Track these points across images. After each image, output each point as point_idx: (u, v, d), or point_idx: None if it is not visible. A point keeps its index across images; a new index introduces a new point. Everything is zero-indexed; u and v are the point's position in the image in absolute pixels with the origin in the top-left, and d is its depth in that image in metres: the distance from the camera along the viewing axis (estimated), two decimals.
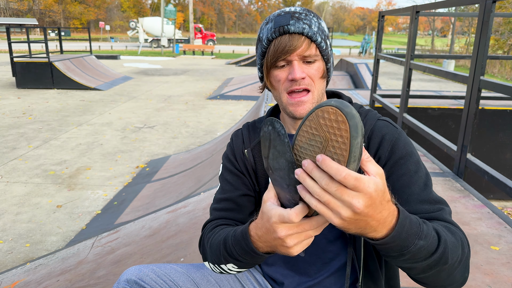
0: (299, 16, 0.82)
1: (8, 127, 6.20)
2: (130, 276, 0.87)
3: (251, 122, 1.01)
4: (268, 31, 0.84)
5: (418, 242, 0.64)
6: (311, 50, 0.82)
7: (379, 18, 4.56)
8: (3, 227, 3.16)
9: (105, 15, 72.60)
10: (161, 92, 10.01)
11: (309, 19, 0.83)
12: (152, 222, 2.55)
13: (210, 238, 0.87)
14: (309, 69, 0.84)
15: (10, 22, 37.02)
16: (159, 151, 5.18)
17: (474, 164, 2.47)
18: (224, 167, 0.98)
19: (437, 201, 0.81)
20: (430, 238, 0.66)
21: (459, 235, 0.74)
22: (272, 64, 0.84)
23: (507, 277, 1.51)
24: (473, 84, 2.48)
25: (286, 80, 0.84)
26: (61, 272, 2.12)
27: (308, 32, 0.81)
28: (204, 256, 0.89)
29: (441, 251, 0.67)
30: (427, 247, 0.65)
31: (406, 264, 0.68)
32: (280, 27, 0.81)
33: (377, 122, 0.88)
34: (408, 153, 0.84)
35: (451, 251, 0.69)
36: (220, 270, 0.85)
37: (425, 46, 31.78)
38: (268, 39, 0.83)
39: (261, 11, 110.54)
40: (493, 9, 2.31)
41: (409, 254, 0.64)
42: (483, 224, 1.93)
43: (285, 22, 0.81)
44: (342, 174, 0.54)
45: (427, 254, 0.66)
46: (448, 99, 5.00)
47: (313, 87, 0.85)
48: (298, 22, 0.81)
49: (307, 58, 0.83)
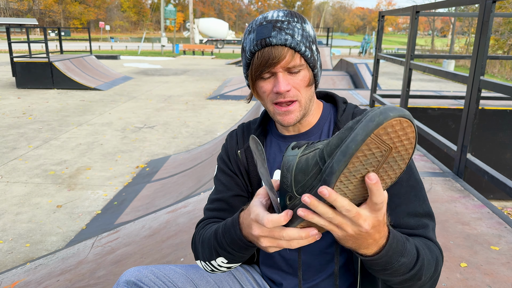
0: (281, 26, 0.79)
1: (8, 127, 6.20)
2: (129, 277, 0.87)
3: (246, 123, 1.01)
4: (250, 42, 0.81)
5: (400, 259, 0.67)
6: (295, 61, 0.81)
7: (379, 18, 4.56)
8: (3, 227, 3.16)
9: (105, 15, 72.59)
10: (161, 92, 10.01)
11: (291, 27, 0.80)
12: (152, 222, 2.56)
13: (202, 234, 0.88)
14: (294, 80, 0.82)
15: (10, 22, 37.03)
16: (159, 151, 5.18)
17: (474, 164, 2.47)
18: (218, 168, 0.99)
19: (424, 215, 0.82)
20: (411, 256, 0.69)
21: (436, 254, 0.78)
22: (256, 76, 0.83)
23: (507, 277, 1.51)
24: (473, 84, 2.48)
25: (271, 92, 0.83)
26: (61, 272, 2.12)
27: (291, 43, 0.79)
28: (196, 254, 0.89)
29: (418, 268, 0.71)
30: (407, 264, 0.69)
31: (385, 277, 0.71)
32: (262, 39, 0.79)
33: None
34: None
35: (426, 269, 0.73)
36: (211, 268, 0.85)
37: (425, 46, 31.77)
38: (251, 52, 0.81)
39: (261, 11, 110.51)
40: (493, 9, 2.31)
41: (391, 269, 0.68)
42: (483, 224, 1.93)
43: (266, 34, 0.79)
44: (378, 206, 0.57)
45: (406, 270, 0.69)
46: (448, 99, 5.00)
47: (299, 97, 0.84)
48: (280, 33, 0.79)
49: (292, 69, 0.81)
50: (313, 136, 0.92)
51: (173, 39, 27.83)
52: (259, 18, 0.83)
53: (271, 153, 0.95)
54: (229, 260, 0.80)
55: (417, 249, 0.72)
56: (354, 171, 0.54)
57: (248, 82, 0.87)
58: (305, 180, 0.61)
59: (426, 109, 4.45)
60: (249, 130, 0.98)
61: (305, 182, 0.61)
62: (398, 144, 0.52)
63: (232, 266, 0.84)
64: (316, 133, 0.92)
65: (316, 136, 0.92)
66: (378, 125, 0.50)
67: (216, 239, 0.80)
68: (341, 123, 0.88)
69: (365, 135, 0.51)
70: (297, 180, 0.62)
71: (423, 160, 2.94)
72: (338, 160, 0.54)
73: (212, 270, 0.86)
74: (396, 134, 0.51)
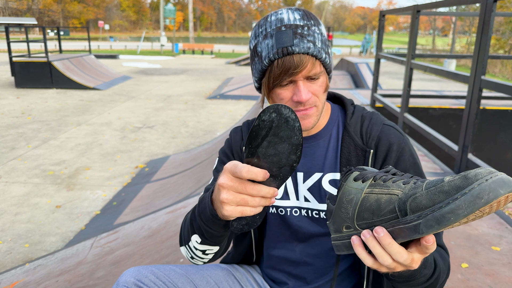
0: (302, 32, 0.76)
1: (7, 127, 6.18)
2: (129, 277, 0.87)
3: (251, 120, 1.00)
4: (268, 49, 0.77)
5: (423, 271, 0.68)
6: (316, 69, 0.78)
7: (380, 17, 4.55)
8: (2, 227, 3.15)
9: (104, 14, 72.58)
10: (160, 92, 10.00)
11: (312, 33, 0.77)
12: (152, 222, 2.55)
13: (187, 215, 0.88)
14: (314, 87, 0.80)
15: (9, 22, 36.95)
16: (159, 151, 5.17)
17: (475, 164, 2.46)
18: (219, 160, 0.98)
19: None
20: (431, 267, 0.71)
21: (448, 262, 0.80)
22: (275, 84, 0.79)
23: (508, 277, 1.50)
24: (474, 83, 2.47)
25: (290, 99, 0.80)
26: (60, 273, 2.11)
27: (313, 51, 0.76)
28: (180, 239, 0.89)
29: (435, 277, 0.72)
30: (428, 274, 0.70)
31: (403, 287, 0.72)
32: (284, 48, 0.75)
33: (383, 127, 0.86)
34: (412, 165, 0.84)
35: (441, 277, 0.75)
36: (191, 254, 0.85)
37: (426, 45, 31.78)
38: (270, 59, 0.77)
39: (261, 10, 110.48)
40: (494, 9, 2.30)
41: (414, 280, 0.68)
42: (484, 225, 1.92)
43: (288, 42, 0.75)
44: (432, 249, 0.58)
45: (424, 280, 0.70)
46: (449, 98, 4.99)
47: (317, 102, 0.82)
48: (302, 41, 0.75)
49: (313, 76, 0.79)
50: (322, 139, 0.90)
51: (173, 38, 27.82)
52: (274, 21, 0.78)
53: None
54: (201, 238, 0.79)
55: (434, 259, 0.73)
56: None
57: (262, 88, 0.83)
58: (372, 220, 0.60)
59: (427, 108, 4.44)
60: None
61: (373, 221, 0.60)
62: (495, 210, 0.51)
63: (206, 250, 0.82)
64: (325, 136, 0.90)
65: (324, 140, 0.90)
66: (487, 204, 0.48)
67: (193, 211, 0.80)
68: (351, 126, 0.87)
69: (469, 211, 0.49)
70: (361, 216, 0.62)
71: (424, 160, 2.93)
72: (429, 226, 0.53)
73: (192, 257, 0.86)
74: (499, 206, 0.50)
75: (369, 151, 0.83)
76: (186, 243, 0.85)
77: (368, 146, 0.84)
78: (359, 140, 0.85)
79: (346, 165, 0.85)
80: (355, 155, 0.85)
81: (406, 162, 0.83)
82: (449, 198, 0.51)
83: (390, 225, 0.58)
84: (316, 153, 0.89)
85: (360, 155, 0.84)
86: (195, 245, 0.83)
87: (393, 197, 0.58)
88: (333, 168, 0.87)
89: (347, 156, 0.85)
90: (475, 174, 0.52)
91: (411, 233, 0.55)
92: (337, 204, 0.66)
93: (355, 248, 0.60)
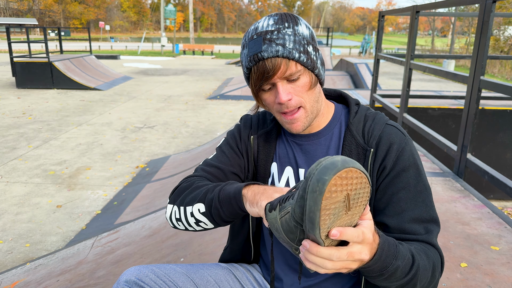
0: (271, 37, 0.78)
1: (8, 127, 6.20)
2: (130, 276, 0.87)
3: (262, 112, 1.02)
4: (245, 58, 0.82)
5: (395, 262, 0.69)
6: (291, 69, 0.80)
7: (379, 18, 4.56)
8: (3, 227, 3.16)
9: (105, 15, 72.60)
10: (161, 92, 10.01)
11: (282, 35, 0.79)
12: (152, 222, 2.55)
13: (195, 181, 0.90)
14: (295, 87, 0.82)
15: (10, 22, 37.02)
16: (159, 151, 5.18)
17: (474, 164, 2.46)
18: (226, 140, 0.99)
19: (429, 220, 0.82)
20: (405, 260, 0.71)
21: (433, 260, 0.78)
22: (257, 89, 0.83)
23: (507, 277, 1.51)
24: (473, 84, 2.48)
25: (275, 102, 0.84)
26: (61, 272, 2.12)
27: (283, 53, 0.78)
28: (173, 198, 0.90)
29: (413, 272, 0.72)
30: (402, 267, 0.70)
31: (383, 284, 0.72)
32: (254, 55, 0.79)
33: (386, 127, 0.87)
34: (411, 165, 0.84)
35: (422, 274, 0.74)
36: (179, 216, 0.87)
37: (425, 46, 31.78)
38: (247, 67, 0.82)
39: (261, 11, 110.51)
40: (493, 9, 2.31)
41: (387, 273, 0.69)
42: (483, 224, 1.93)
43: (257, 49, 0.79)
44: (360, 237, 0.60)
45: (402, 275, 0.71)
46: (448, 99, 5.00)
47: (303, 103, 0.83)
48: (271, 46, 0.78)
49: (290, 77, 0.80)
50: (323, 137, 0.91)
51: (173, 39, 27.83)
52: (251, 30, 0.83)
53: (282, 148, 0.95)
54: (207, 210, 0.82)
55: (412, 254, 0.73)
56: (330, 223, 0.57)
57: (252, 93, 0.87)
58: (297, 238, 0.63)
59: (426, 109, 4.45)
60: (264, 120, 0.99)
61: (297, 240, 0.64)
62: (350, 187, 0.55)
63: (200, 222, 0.85)
64: (327, 134, 0.91)
65: (326, 138, 0.91)
66: (322, 193, 0.53)
67: (215, 186, 0.84)
68: (353, 125, 0.88)
69: (318, 204, 0.54)
70: (291, 238, 0.64)
71: (423, 160, 2.94)
72: (311, 228, 0.57)
73: (178, 218, 0.88)
74: (342, 185, 0.54)
75: (370, 150, 0.84)
76: (183, 205, 0.87)
77: (369, 145, 0.85)
78: (361, 139, 0.86)
79: None
80: (356, 154, 0.85)
81: (405, 161, 0.83)
82: (305, 202, 0.56)
83: (307, 236, 0.61)
84: (317, 150, 0.90)
85: (361, 154, 0.85)
86: (193, 212, 0.85)
87: (288, 215, 0.63)
88: None
89: (348, 154, 0.86)
90: (309, 170, 0.57)
91: (311, 237, 0.59)
92: (276, 237, 0.69)
93: (308, 264, 0.63)
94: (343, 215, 0.58)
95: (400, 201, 0.82)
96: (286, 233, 0.64)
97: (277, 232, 0.66)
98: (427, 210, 0.82)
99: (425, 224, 0.81)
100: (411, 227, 0.81)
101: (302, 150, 0.92)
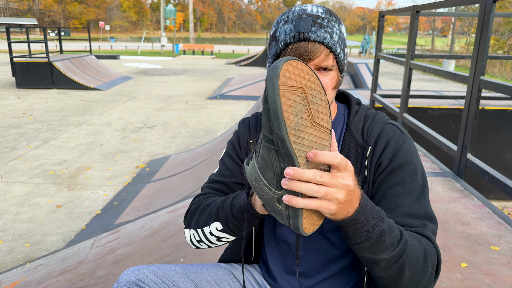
0: (322, 22, 0.77)
1: (8, 127, 6.20)
2: (130, 277, 0.87)
3: (260, 113, 1.01)
4: (286, 33, 0.78)
5: (382, 224, 0.67)
6: (328, 61, 0.79)
7: (379, 18, 4.56)
8: (3, 227, 3.16)
9: (105, 15, 72.63)
10: (161, 92, 10.01)
11: (331, 26, 0.78)
12: (152, 222, 2.55)
13: (203, 202, 0.90)
14: (324, 79, 0.80)
15: (10, 22, 37.00)
16: (159, 151, 5.18)
17: (474, 164, 2.46)
18: (226, 151, 0.99)
19: (424, 217, 0.81)
20: (392, 229, 0.70)
21: (425, 246, 0.75)
22: None
23: (507, 277, 1.51)
24: (473, 84, 2.48)
25: None
26: (61, 272, 2.12)
27: (329, 42, 0.77)
28: (188, 222, 0.91)
29: (401, 248, 0.70)
30: (390, 236, 0.69)
31: (370, 255, 0.69)
32: (300, 33, 0.76)
33: (385, 125, 0.87)
34: (408, 162, 0.83)
35: (410, 255, 0.71)
36: (199, 237, 0.88)
37: (425, 46, 31.79)
38: (286, 43, 0.78)
39: (261, 11, 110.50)
40: (493, 9, 2.31)
41: (375, 237, 0.67)
42: (483, 224, 1.93)
43: (306, 28, 0.76)
44: (338, 158, 0.59)
45: (389, 245, 0.69)
46: (448, 99, 5.00)
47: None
48: (320, 30, 0.76)
49: (324, 67, 0.79)
50: None
51: (173, 39, 27.84)
52: (297, 10, 0.80)
53: None
54: (224, 227, 0.83)
55: (400, 230, 0.72)
56: (295, 125, 0.58)
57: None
58: (274, 171, 0.62)
59: (426, 109, 4.45)
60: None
61: (275, 174, 0.62)
62: (303, 81, 0.59)
63: (222, 238, 0.86)
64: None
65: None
66: (277, 76, 0.56)
67: (222, 203, 0.84)
68: (353, 124, 0.87)
69: (276, 90, 0.56)
70: (269, 179, 0.63)
71: (423, 160, 2.94)
72: (277, 126, 0.57)
73: (199, 240, 0.88)
74: (295, 75, 0.58)
75: (368, 147, 0.84)
76: (200, 227, 0.87)
77: (367, 144, 0.84)
78: (360, 138, 0.86)
79: None
80: (354, 152, 0.85)
81: (402, 158, 0.82)
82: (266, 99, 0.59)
83: (281, 161, 0.61)
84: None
85: (359, 152, 0.85)
86: (212, 231, 0.85)
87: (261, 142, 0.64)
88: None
89: (346, 153, 0.86)
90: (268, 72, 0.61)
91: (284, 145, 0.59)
92: (257, 195, 0.67)
93: (292, 201, 0.60)
94: (308, 124, 0.59)
95: (394, 196, 0.81)
96: (263, 174, 0.63)
97: (256, 183, 0.65)
98: (422, 207, 0.81)
99: (420, 219, 0.80)
100: (405, 221, 0.79)
101: None
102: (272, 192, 0.63)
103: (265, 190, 0.64)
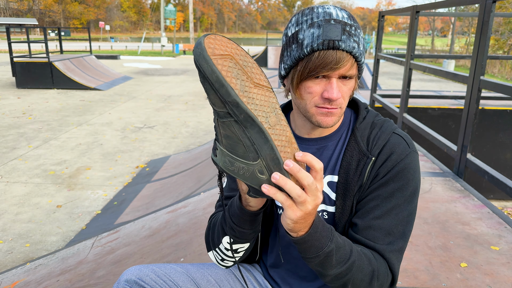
0: (350, 30, 0.74)
1: (8, 127, 6.20)
2: (130, 276, 0.87)
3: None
4: (313, 38, 0.73)
5: (330, 244, 0.71)
6: (352, 70, 0.77)
7: (379, 18, 4.56)
8: (3, 227, 3.16)
9: (105, 15, 72.64)
10: (161, 92, 10.01)
11: (357, 34, 0.76)
12: (152, 222, 2.55)
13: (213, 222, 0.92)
14: (344, 88, 0.78)
15: (10, 22, 37.00)
16: (159, 151, 5.18)
17: (474, 164, 2.47)
18: None
19: (395, 234, 0.80)
20: (340, 248, 0.73)
21: (375, 267, 0.77)
22: (308, 76, 0.76)
23: (507, 277, 1.51)
24: (473, 84, 2.48)
25: (318, 95, 0.77)
26: (61, 272, 2.12)
27: (356, 52, 0.75)
28: (208, 244, 0.92)
29: (347, 266, 0.73)
30: (337, 256, 0.72)
31: (318, 268, 0.73)
32: (330, 40, 0.73)
33: (392, 136, 0.84)
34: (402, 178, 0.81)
35: (356, 272, 0.74)
36: (221, 256, 0.88)
37: (425, 46, 31.79)
38: (313, 49, 0.74)
39: (261, 11, 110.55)
40: (493, 9, 2.31)
41: (323, 255, 0.71)
42: (483, 224, 1.93)
43: (336, 36, 0.73)
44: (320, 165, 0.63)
45: (335, 264, 0.72)
46: (448, 99, 5.00)
47: (343, 105, 0.80)
48: (349, 39, 0.74)
49: (347, 76, 0.77)
50: (331, 142, 0.88)
51: (173, 39, 27.83)
52: (322, 13, 0.75)
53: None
54: (233, 238, 0.83)
55: (351, 249, 0.75)
56: (241, 87, 0.60)
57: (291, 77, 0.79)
58: (243, 143, 0.63)
59: (426, 109, 4.45)
60: None
61: (245, 146, 0.63)
62: (228, 50, 0.61)
63: (238, 249, 0.86)
64: (335, 139, 0.88)
65: (333, 143, 0.88)
66: (204, 49, 0.59)
67: (223, 216, 0.85)
68: (359, 131, 0.85)
69: (210, 61, 0.59)
70: (241, 154, 0.63)
71: (423, 160, 2.94)
72: (226, 93, 0.59)
73: (222, 259, 0.89)
74: (219, 45, 0.61)
75: (371, 158, 0.81)
76: (216, 246, 0.88)
77: (371, 153, 0.82)
78: (364, 146, 0.83)
79: (345, 169, 0.83)
80: (356, 160, 0.83)
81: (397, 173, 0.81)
82: (204, 74, 0.60)
83: (244, 129, 0.63)
84: (323, 154, 0.88)
85: (362, 160, 0.82)
86: (226, 246, 0.86)
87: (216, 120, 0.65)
88: (332, 170, 0.86)
89: (348, 160, 0.84)
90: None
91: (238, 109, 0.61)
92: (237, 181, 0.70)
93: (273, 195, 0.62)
94: (251, 85, 0.61)
95: (375, 208, 0.80)
96: (234, 152, 0.64)
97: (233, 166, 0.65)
98: (396, 224, 0.80)
99: (387, 237, 0.79)
100: (369, 233, 0.79)
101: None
102: (250, 165, 0.63)
103: (243, 167, 0.64)
